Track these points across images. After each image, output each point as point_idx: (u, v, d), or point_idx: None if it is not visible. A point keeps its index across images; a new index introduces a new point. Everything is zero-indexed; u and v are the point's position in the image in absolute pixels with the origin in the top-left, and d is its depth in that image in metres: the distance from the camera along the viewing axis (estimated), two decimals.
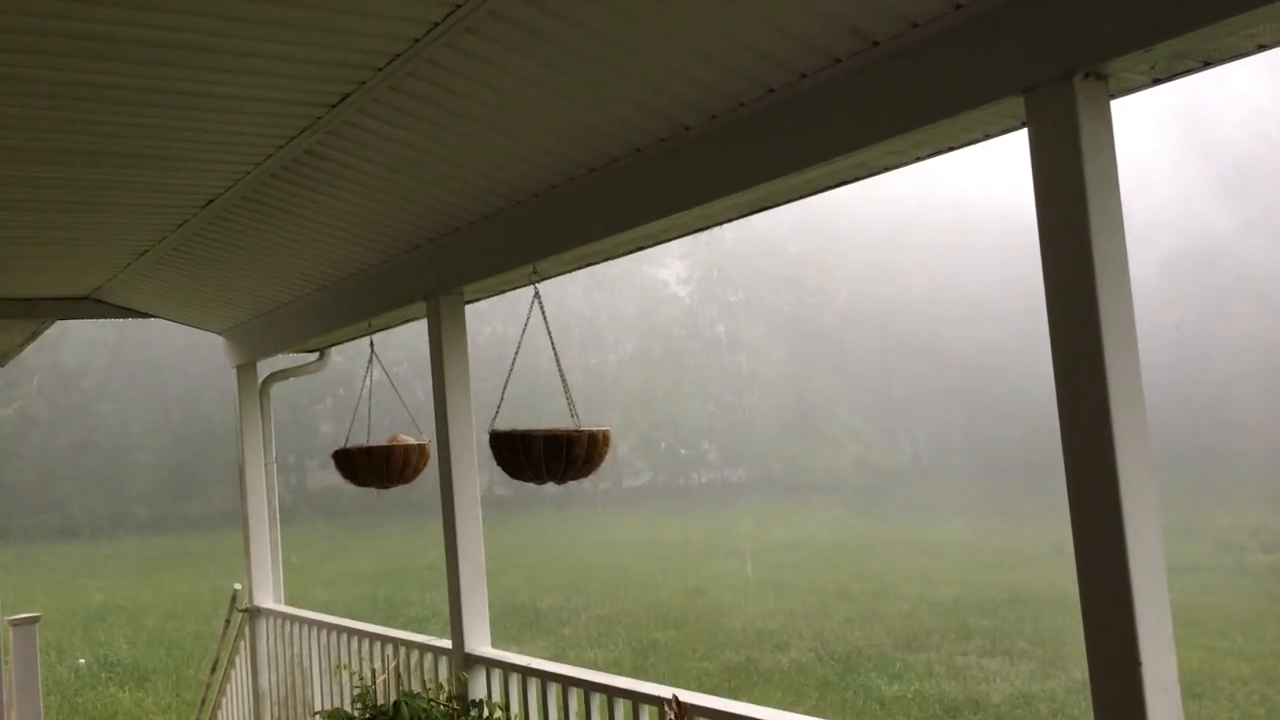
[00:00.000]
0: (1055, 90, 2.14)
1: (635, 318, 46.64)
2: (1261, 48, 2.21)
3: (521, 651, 4.37)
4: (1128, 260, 2.15)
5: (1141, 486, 2.05)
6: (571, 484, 3.58)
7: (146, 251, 4.88)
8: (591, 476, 3.60)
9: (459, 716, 4.06)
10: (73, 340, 39.25)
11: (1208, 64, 2.27)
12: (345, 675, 5.00)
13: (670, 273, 48.14)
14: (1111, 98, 2.21)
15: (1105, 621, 2.06)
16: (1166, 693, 2.01)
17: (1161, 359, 30.75)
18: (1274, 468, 29.12)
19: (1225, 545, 22.50)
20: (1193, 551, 21.39)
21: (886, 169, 2.94)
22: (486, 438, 3.52)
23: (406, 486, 4.90)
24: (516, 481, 3.57)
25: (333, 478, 4.95)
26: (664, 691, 3.30)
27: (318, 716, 5.08)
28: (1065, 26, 2.12)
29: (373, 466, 4.57)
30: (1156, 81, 2.35)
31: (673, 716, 3.19)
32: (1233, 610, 15.89)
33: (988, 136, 2.64)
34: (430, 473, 4.59)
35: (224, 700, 6.47)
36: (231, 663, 6.40)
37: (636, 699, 3.41)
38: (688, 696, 3.20)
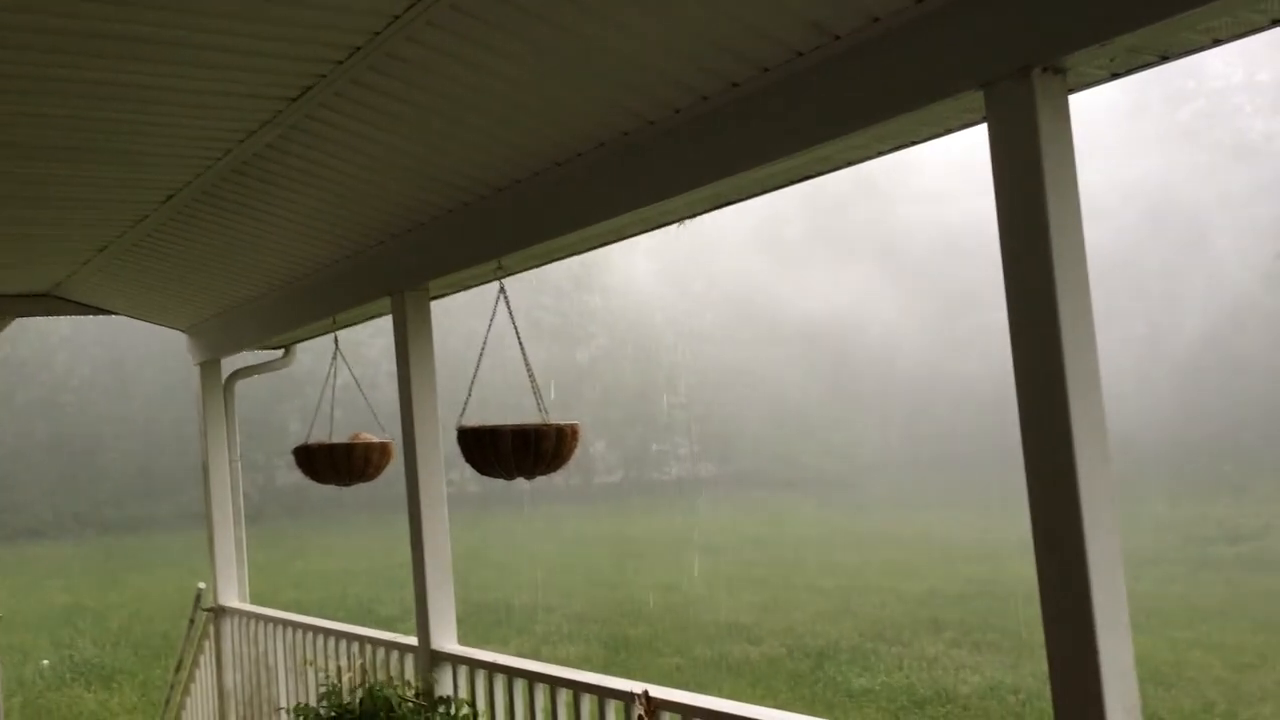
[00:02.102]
0: (1014, 85, 2.15)
1: (607, 313, 46.63)
2: (1217, 42, 2.24)
3: (494, 649, 4.35)
4: (1086, 254, 2.17)
5: (1098, 478, 2.07)
6: (543, 481, 3.57)
7: (107, 247, 4.82)
8: (561, 472, 3.59)
9: (426, 712, 4.04)
10: (30, 336, 38.71)
11: (1164, 58, 2.30)
12: (311, 673, 4.96)
13: (641, 267, 48.17)
14: (1070, 92, 2.23)
15: (1063, 610, 2.08)
16: (1123, 679, 2.03)
17: (1128, 351, 31.13)
18: (1239, 460, 29.56)
19: (1190, 537, 22.81)
20: (1159, 543, 21.67)
21: (849, 163, 2.95)
22: (454, 434, 3.51)
23: (376, 484, 4.87)
24: (489, 479, 3.55)
25: (302, 477, 4.90)
26: (630, 686, 3.29)
27: (284, 712, 5.04)
28: (1023, 21, 2.13)
29: (333, 464, 4.55)
30: (1114, 76, 2.38)
31: (642, 711, 3.19)
32: (1198, 601, 16.12)
33: (949, 131, 2.66)
34: (400, 471, 4.56)
35: (188, 700, 6.41)
36: (196, 662, 6.34)
37: (603, 694, 3.40)
38: (657, 691, 3.20)
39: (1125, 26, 1.97)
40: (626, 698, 3.28)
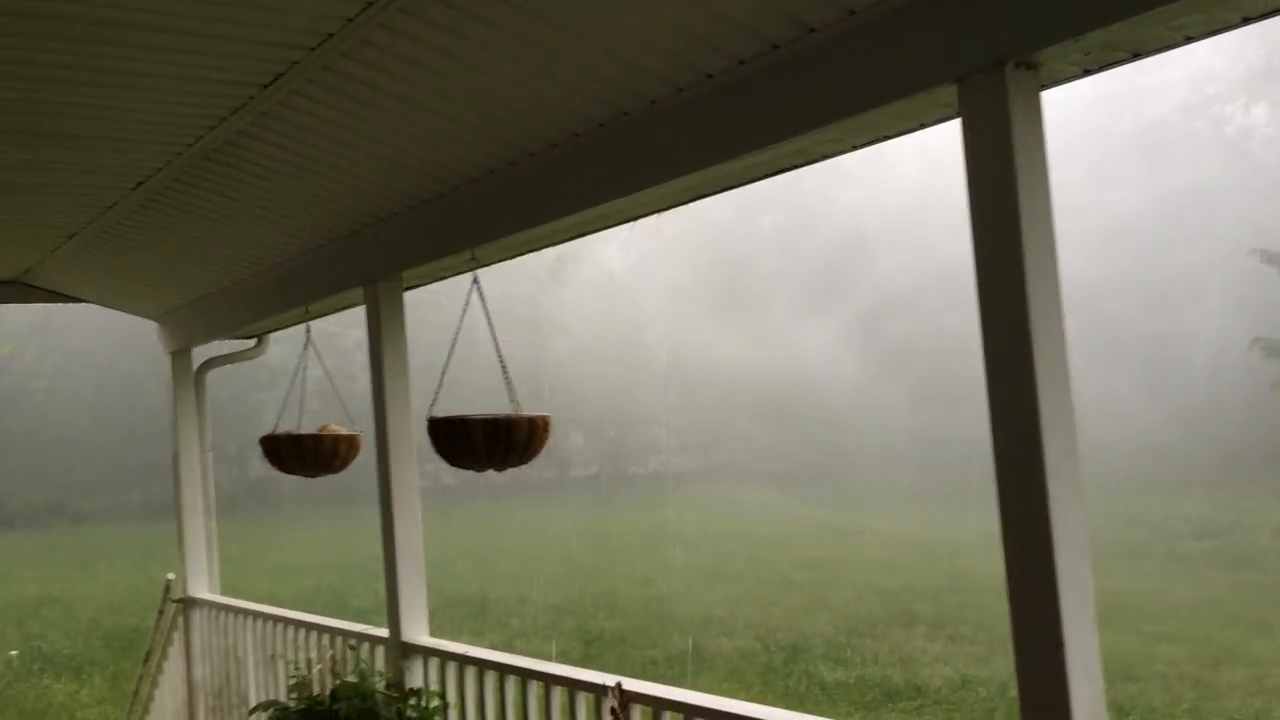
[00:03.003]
0: (987, 79, 2.15)
1: (585, 305, 46.57)
2: (1189, 39, 2.25)
3: (470, 642, 4.34)
4: (1056, 249, 2.18)
5: (1066, 473, 2.08)
6: (519, 474, 3.56)
7: (76, 234, 4.76)
8: (538, 465, 3.58)
9: (398, 704, 4.02)
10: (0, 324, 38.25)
11: (1137, 55, 2.30)
12: (281, 666, 4.93)
13: (619, 259, 48.12)
14: (1043, 88, 2.23)
15: (1030, 603, 2.09)
16: (1088, 672, 2.05)
17: (1098, 349, 31.36)
18: (1207, 456, 29.88)
19: (1160, 533, 23.06)
20: (1129, 538, 21.89)
21: (825, 156, 2.94)
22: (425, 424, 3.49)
23: (351, 476, 4.84)
24: (465, 471, 3.53)
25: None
26: (602, 679, 3.29)
27: (253, 714, 5.00)
28: (997, 16, 2.14)
29: (300, 455, 4.51)
30: (1087, 72, 2.38)
31: (615, 704, 3.19)
32: (1167, 596, 16.29)
33: (923, 126, 2.65)
34: (374, 463, 4.52)
35: (157, 692, 6.36)
36: (165, 654, 6.28)
37: (574, 686, 3.40)
38: (630, 684, 3.20)
39: (1097, 22, 1.98)
40: (597, 690, 3.28)
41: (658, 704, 3.13)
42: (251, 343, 6.15)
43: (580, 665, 3.83)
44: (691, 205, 3.41)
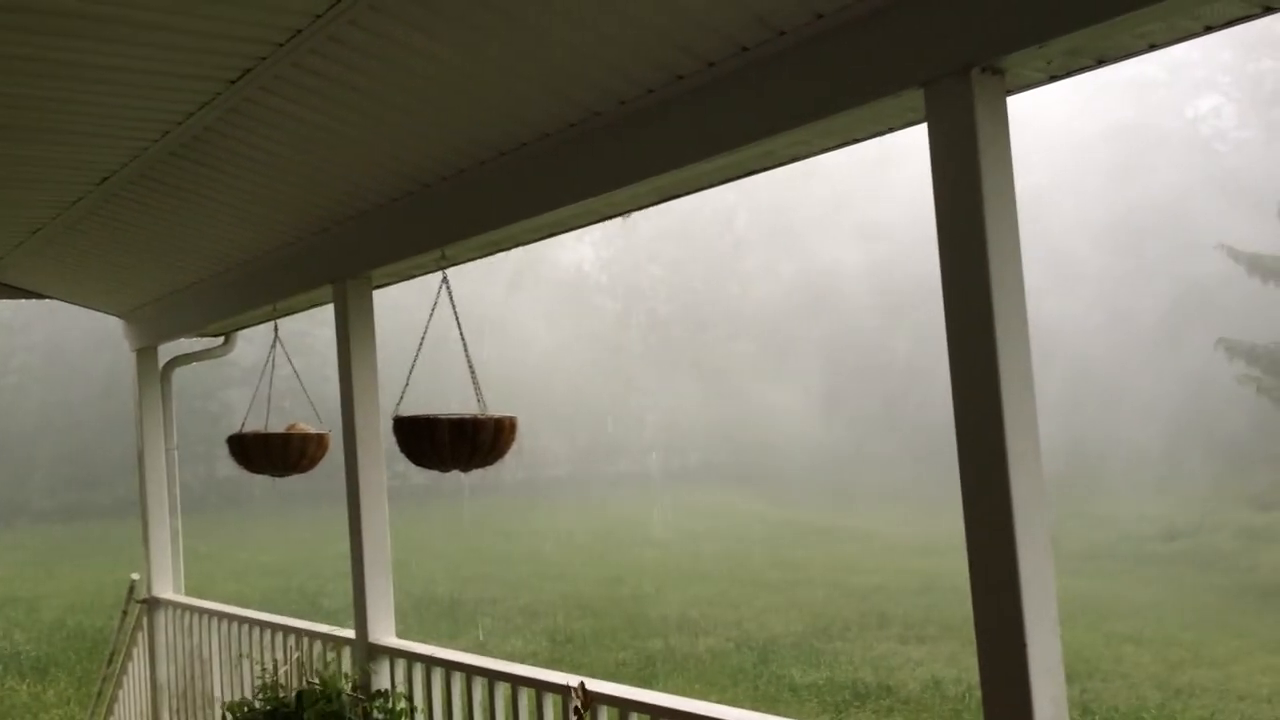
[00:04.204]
0: (953, 84, 2.17)
1: (558, 305, 46.50)
2: (1153, 47, 2.27)
3: (440, 643, 4.31)
4: (1021, 254, 2.20)
5: (1029, 475, 2.09)
6: (491, 474, 3.55)
7: (40, 229, 4.69)
8: (510, 465, 3.57)
9: (363, 704, 4.00)
10: None
11: (1101, 62, 2.33)
12: (246, 667, 4.89)
13: (593, 259, 48.08)
14: (1008, 93, 2.25)
15: (993, 605, 2.10)
16: (1050, 674, 2.06)
17: (1064, 349, 31.62)
18: (1175, 459, 30.21)
19: (1127, 535, 23.31)
20: (1096, 540, 22.12)
21: (794, 159, 2.95)
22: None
23: (321, 475, 4.80)
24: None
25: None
26: (569, 680, 3.28)
27: (226, 714, 4.95)
28: (963, 21, 2.15)
29: (268, 454, 4.47)
30: (1053, 78, 2.40)
31: (578, 703, 3.18)
32: (1133, 597, 16.47)
33: (891, 130, 2.67)
34: (343, 462, 4.49)
35: (120, 693, 6.29)
36: (129, 654, 6.21)
37: (540, 687, 3.39)
38: (593, 685, 3.19)
39: (1062, 29, 2.00)
40: (563, 691, 3.27)
41: (620, 704, 3.13)
42: (219, 340, 6.09)
43: (552, 666, 3.82)
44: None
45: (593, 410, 42.67)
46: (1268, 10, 2.09)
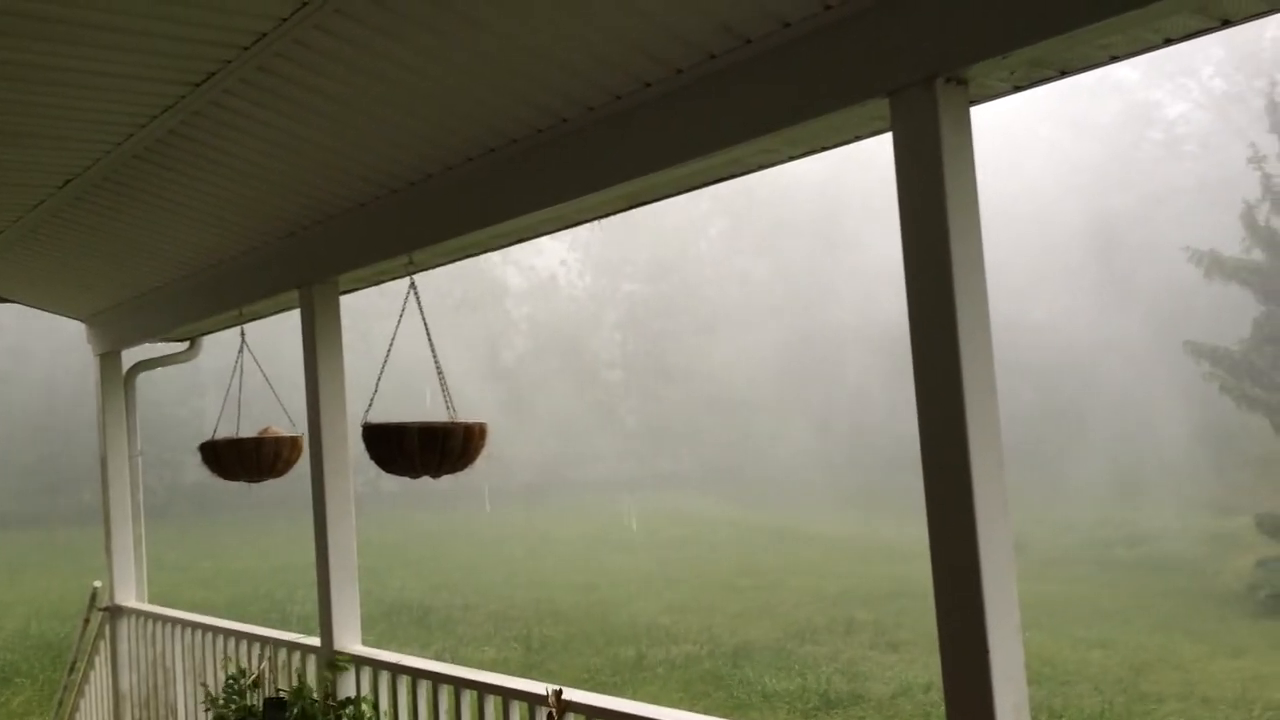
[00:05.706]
0: (918, 94, 2.18)
1: (531, 311, 46.39)
2: (1114, 59, 2.30)
3: (412, 650, 4.28)
4: (984, 261, 2.21)
5: (992, 482, 2.11)
6: (463, 480, 3.53)
7: (1, 232, 4.63)
8: (482, 471, 3.55)
9: (333, 712, 3.96)
10: None
11: (1064, 73, 2.35)
12: (211, 674, 4.83)
13: (566, 264, 48.00)
14: (972, 103, 2.27)
15: (957, 611, 2.12)
16: (1012, 680, 2.08)
17: (1028, 355, 31.88)
18: (1140, 465, 30.53)
19: (1092, 540, 23.53)
20: (1062, 545, 22.31)
21: (761, 166, 2.96)
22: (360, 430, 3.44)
23: (290, 481, 4.75)
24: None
25: (211, 473, 4.74)
26: (536, 688, 3.27)
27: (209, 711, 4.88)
28: (928, 31, 2.17)
29: (241, 459, 4.41)
30: (1017, 89, 2.43)
31: (552, 710, 3.17)
32: (1099, 602, 16.63)
33: (858, 138, 2.69)
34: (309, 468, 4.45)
35: (82, 702, 6.20)
36: (91, 663, 6.12)
37: (507, 695, 3.37)
38: (567, 693, 3.18)
39: (1024, 40, 2.02)
40: (531, 699, 3.26)
41: (595, 713, 3.12)
42: (184, 345, 6.03)
43: (523, 673, 3.81)
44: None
45: (564, 416, 42.59)
46: (1225, 24, 2.12)
